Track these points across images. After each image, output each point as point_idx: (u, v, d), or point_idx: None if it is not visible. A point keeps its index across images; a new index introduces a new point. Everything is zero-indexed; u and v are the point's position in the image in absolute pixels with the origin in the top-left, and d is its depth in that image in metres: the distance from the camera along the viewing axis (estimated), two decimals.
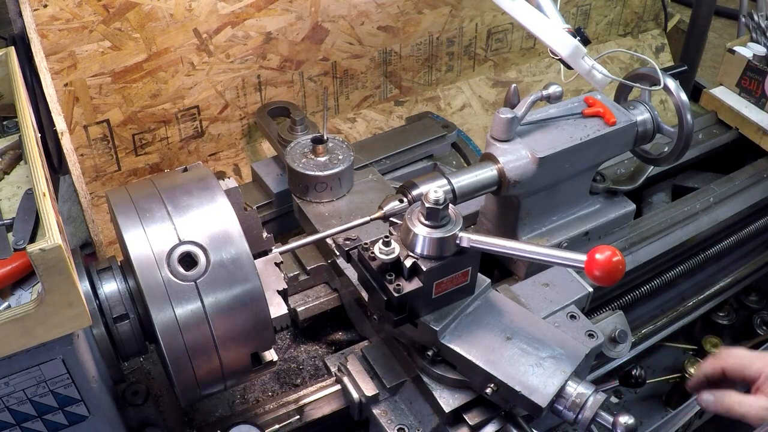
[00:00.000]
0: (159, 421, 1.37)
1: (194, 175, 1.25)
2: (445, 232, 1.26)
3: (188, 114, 1.98)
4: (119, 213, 1.16)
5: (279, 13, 1.95)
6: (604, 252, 1.14)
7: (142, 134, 1.94)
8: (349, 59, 2.15)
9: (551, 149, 1.53)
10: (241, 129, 2.09)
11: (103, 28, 1.74)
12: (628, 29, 2.70)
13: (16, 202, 1.15)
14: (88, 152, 1.88)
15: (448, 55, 2.34)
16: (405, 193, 1.46)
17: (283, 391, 1.52)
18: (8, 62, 1.27)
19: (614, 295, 1.84)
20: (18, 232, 1.08)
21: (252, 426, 1.32)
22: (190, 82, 1.93)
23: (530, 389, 1.24)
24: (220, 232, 1.15)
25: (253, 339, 1.17)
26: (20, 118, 1.16)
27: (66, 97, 1.77)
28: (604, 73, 1.54)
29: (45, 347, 0.98)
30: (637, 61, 2.62)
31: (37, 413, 1.07)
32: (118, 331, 1.18)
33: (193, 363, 1.13)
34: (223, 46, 1.92)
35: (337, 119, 2.25)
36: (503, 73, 2.49)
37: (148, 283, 1.10)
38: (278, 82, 2.07)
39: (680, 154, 1.70)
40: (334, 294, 1.65)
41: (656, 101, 2.45)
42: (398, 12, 2.14)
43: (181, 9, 1.81)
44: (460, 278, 1.32)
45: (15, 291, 1.04)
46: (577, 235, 1.69)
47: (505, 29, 2.40)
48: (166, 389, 1.45)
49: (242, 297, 1.13)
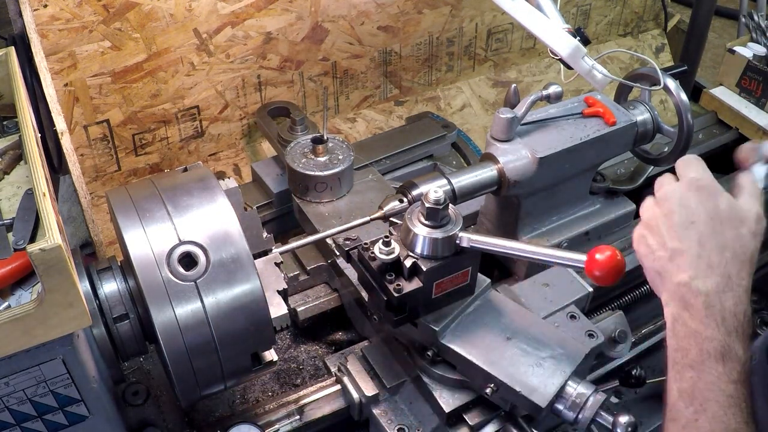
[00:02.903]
0: (159, 421, 1.37)
1: (194, 175, 1.25)
2: (445, 232, 1.26)
3: (188, 114, 1.98)
4: (119, 213, 1.16)
5: (279, 13, 1.95)
6: (604, 252, 1.14)
7: (142, 134, 1.94)
8: (349, 59, 2.15)
9: (551, 149, 1.53)
10: (241, 129, 2.09)
11: (103, 28, 1.74)
12: (628, 29, 2.70)
13: (16, 202, 1.15)
14: (88, 152, 1.88)
15: (448, 55, 2.34)
16: (405, 193, 1.46)
17: (283, 391, 1.52)
18: (8, 62, 1.28)
19: (614, 295, 1.83)
20: (18, 232, 1.08)
21: (252, 426, 1.32)
22: (190, 82, 1.93)
23: (530, 389, 1.24)
24: (220, 232, 1.15)
25: (253, 339, 1.17)
26: (20, 118, 1.16)
27: (66, 97, 1.77)
28: (604, 73, 1.54)
29: (45, 347, 0.98)
30: (637, 61, 2.62)
31: (37, 413, 1.07)
32: (118, 331, 1.18)
33: (193, 363, 1.13)
34: (223, 46, 1.92)
35: (337, 119, 2.25)
36: (503, 73, 2.49)
37: (148, 283, 1.10)
38: (278, 82, 2.07)
39: (680, 154, 1.70)
40: (334, 294, 1.65)
41: (656, 101, 2.45)
42: (398, 12, 2.14)
43: (181, 9, 1.81)
44: (460, 278, 1.32)
45: (15, 291, 1.04)
46: (577, 235, 1.69)
47: (505, 29, 2.40)
48: (166, 389, 1.45)
49: (242, 297, 1.13)
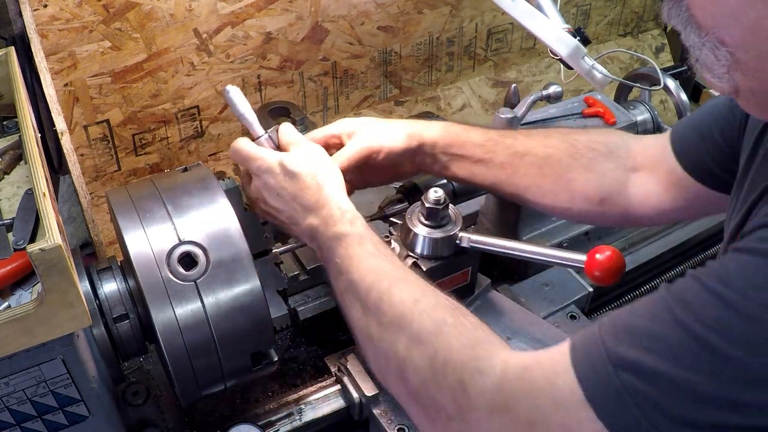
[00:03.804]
0: (159, 421, 1.37)
1: (194, 175, 1.25)
2: (445, 232, 1.26)
3: (188, 114, 1.98)
4: (119, 213, 1.16)
5: (279, 13, 1.95)
6: (604, 252, 1.14)
7: (142, 134, 1.94)
8: (349, 59, 2.15)
9: None
10: (241, 129, 2.08)
11: (103, 28, 1.74)
12: (628, 29, 2.70)
13: (16, 202, 1.15)
14: (88, 152, 1.88)
15: (448, 55, 2.34)
16: (405, 193, 1.46)
17: (283, 391, 1.52)
18: (8, 62, 1.27)
19: (614, 295, 1.84)
20: (18, 232, 1.08)
21: (252, 426, 1.32)
22: (190, 82, 1.93)
23: None
24: (220, 232, 1.15)
25: (253, 339, 1.17)
26: (20, 118, 1.16)
27: (66, 97, 1.77)
28: (604, 73, 1.54)
29: (45, 347, 0.98)
30: (637, 61, 2.62)
31: (37, 413, 1.07)
32: (118, 331, 1.18)
33: (193, 363, 1.13)
34: (223, 46, 1.92)
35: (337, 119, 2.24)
36: (503, 73, 2.49)
37: (148, 283, 1.10)
38: (278, 82, 2.07)
39: None
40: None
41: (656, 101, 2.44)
42: (398, 12, 2.14)
43: (181, 9, 1.81)
44: (460, 278, 1.32)
45: (15, 291, 1.04)
46: (577, 235, 1.69)
47: (505, 29, 2.40)
48: (166, 389, 1.45)
49: (242, 297, 1.13)
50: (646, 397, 0.74)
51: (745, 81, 0.81)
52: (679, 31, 0.84)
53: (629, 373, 0.75)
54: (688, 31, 0.83)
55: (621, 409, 0.75)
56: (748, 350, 0.70)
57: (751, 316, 0.71)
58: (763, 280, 0.72)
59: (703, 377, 0.72)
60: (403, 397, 1.00)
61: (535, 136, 1.38)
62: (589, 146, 1.35)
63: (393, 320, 1.00)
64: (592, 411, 0.77)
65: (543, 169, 1.34)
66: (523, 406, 0.83)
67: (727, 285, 0.74)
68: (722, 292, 0.74)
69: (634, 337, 0.78)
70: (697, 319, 0.74)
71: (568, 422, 0.79)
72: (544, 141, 1.37)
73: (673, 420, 0.73)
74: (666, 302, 0.78)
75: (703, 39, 0.81)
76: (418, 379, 0.94)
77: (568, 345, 0.84)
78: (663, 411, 0.73)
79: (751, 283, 0.73)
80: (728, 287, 0.74)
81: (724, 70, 0.81)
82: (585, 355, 0.81)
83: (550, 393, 0.81)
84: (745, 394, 0.71)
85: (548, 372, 0.83)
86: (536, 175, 1.35)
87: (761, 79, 0.80)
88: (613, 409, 0.76)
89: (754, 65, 0.79)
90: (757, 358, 0.70)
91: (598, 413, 0.77)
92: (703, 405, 0.72)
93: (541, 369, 0.84)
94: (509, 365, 0.87)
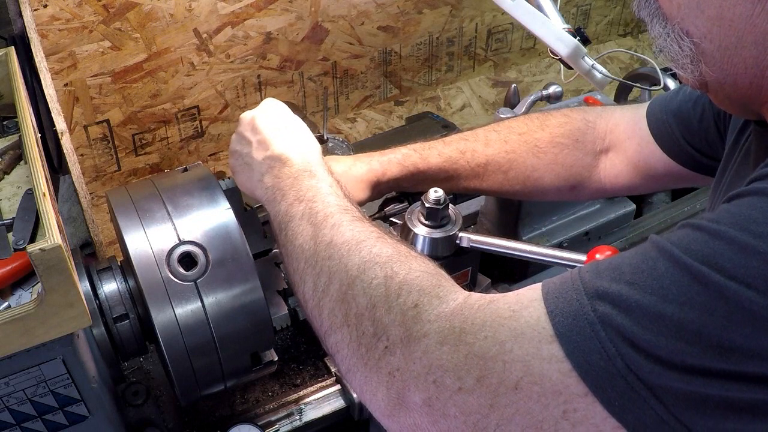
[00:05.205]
0: (159, 421, 1.37)
1: (194, 175, 1.25)
2: (445, 232, 1.26)
3: (188, 114, 1.98)
4: (119, 213, 1.16)
5: (279, 13, 1.95)
6: (604, 252, 1.14)
7: (142, 134, 1.94)
8: (349, 59, 2.15)
9: None
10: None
11: (103, 28, 1.74)
12: (628, 29, 2.70)
13: (16, 202, 1.15)
14: (88, 152, 1.88)
15: (448, 55, 2.34)
16: (405, 193, 1.46)
17: (283, 391, 1.52)
18: (8, 62, 1.27)
19: None
20: (18, 232, 1.08)
21: (252, 426, 1.32)
22: (190, 82, 1.93)
23: None
24: (220, 232, 1.15)
25: (253, 339, 1.17)
26: (20, 118, 1.16)
27: (66, 97, 1.77)
28: (604, 73, 1.54)
29: (45, 347, 0.98)
30: (637, 61, 2.62)
31: (37, 413, 1.07)
32: (118, 331, 1.18)
33: (193, 363, 1.13)
34: (223, 46, 1.92)
35: (337, 119, 2.25)
36: (503, 73, 2.49)
37: (148, 283, 1.10)
38: (278, 82, 2.07)
39: None
40: None
41: None
42: (398, 12, 2.14)
43: (181, 9, 1.81)
44: (460, 278, 1.32)
45: (15, 291, 1.04)
46: (577, 235, 1.69)
47: (505, 29, 2.40)
48: (166, 389, 1.45)
49: (242, 297, 1.13)
50: (622, 330, 0.66)
51: (710, 73, 0.81)
52: (647, 23, 0.85)
53: (606, 303, 0.67)
54: (654, 23, 0.83)
55: (592, 344, 0.66)
56: (747, 285, 0.63)
57: (750, 247, 0.64)
58: (761, 213, 0.66)
59: (692, 313, 0.64)
60: (337, 321, 0.87)
61: (493, 143, 1.38)
62: (551, 142, 1.36)
63: (349, 241, 0.91)
64: (558, 345, 0.68)
65: (508, 174, 1.37)
66: (478, 336, 0.72)
67: (719, 222, 0.68)
68: (716, 228, 0.67)
69: (616, 272, 0.70)
70: (688, 252, 0.67)
71: (528, 358, 0.69)
72: (504, 147, 1.38)
73: (648, 356, 0.65)
74: (654, 242, 0.71)
75: (668, 29, 0.81)
76: (366, 300, 0.84)
77: (542, 282, 0.75)
78: (637, 346, 0.65)
79: (744, 218, 0.67)
80: (720, 223, 0.68)
81: (688, 60, 0.81)
82: (559, 288, 0.72)
83: (512, 323, 0.72)
84: (736, 333, 0.62)
85: (513, 303, 0.74)
86: (503, 181, 1.38)
87: (727, 72, 0.80)
88: (582, 343, 0.67)
89: (719, 56, 0.79)
90: (762, 297, 0.62)
91: (565, 348, 0.68)
92: (686, 344, 0.64)
93: (506, 300, 0.75)
94: (473, 297, 0.79)
